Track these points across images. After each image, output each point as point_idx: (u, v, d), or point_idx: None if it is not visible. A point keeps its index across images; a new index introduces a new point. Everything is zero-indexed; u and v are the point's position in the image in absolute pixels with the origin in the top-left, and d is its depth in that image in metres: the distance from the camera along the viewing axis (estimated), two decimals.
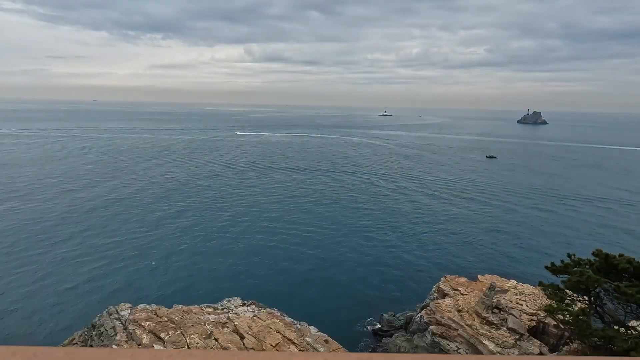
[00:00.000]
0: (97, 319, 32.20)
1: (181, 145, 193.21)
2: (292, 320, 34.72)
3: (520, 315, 35.14)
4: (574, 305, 10.34)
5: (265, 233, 69.81)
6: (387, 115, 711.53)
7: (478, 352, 30.89)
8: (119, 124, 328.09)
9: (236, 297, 37.57)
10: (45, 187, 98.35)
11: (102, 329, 30.71)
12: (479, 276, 43.40)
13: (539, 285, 11.67)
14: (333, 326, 37.68)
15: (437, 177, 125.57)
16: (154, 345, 27.31)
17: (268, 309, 35.94)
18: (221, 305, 35.94)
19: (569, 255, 11.17)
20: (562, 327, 10.79)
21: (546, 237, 70.89)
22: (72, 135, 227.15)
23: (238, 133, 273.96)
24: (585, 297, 10.31)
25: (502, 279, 42.87)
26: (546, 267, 11.23)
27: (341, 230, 72.18)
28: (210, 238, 66.94)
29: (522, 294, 39.52)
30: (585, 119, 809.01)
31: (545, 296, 11.21)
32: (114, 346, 27.13)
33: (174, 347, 27.41)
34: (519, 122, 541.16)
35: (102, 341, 29.53)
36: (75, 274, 52.34)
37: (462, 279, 42.51)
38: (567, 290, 10.71)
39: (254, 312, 34.74)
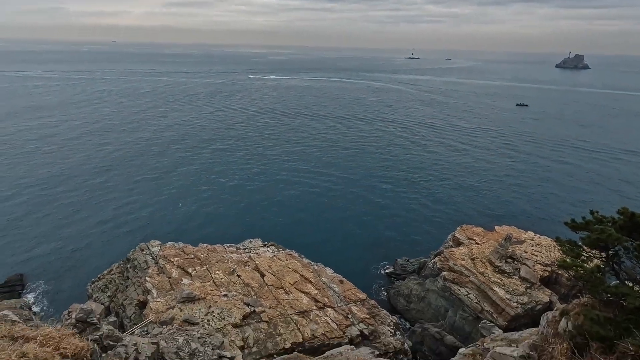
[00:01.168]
0: (130, 254, 35.02)
1: (200, 89, 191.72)
2: (310, 261, 36.64)
3: (533, 266, 35.67)
4: (589, 262, 10.29)
5: (284, 178, 71.21)
6: (413, 58, 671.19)
7: (489, 298, 32.10)
8: (138, 66, 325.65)
9: (257, 239, 39.61)
10: (71, 129, 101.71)
11: (135, 263, 33.52)
12: (496, 227, 43.56)
13: (555, 241, 11.58)
14: (348, 268, 39.64)
15: (461, 126, 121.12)
16: (183, 279, 29.76)
17: (287, 251, 37.90)
18: (243, 246, 38.12)
19: (591, 212, 10.88)
20: (574, 280, 10.87)
21: (569, 191, 69.11)
22: (93, 77, 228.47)
23: (253, 77, 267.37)
24: (602, 254, 10.22)
25: (519, 230, 42.91)
26: (565, 224, 11.03)
27: (359, 178, 72.61)
28: (231, 182, 69.06)
29: (539, 245, 39.71)
30: (633, 63, 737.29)
31: (562, 252, 11.17)
32: (147, 278, 29.71)
33: (201, 282, 29.79)
34: (557, 66, 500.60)
35: (137, 273, 32.38)
36: (106, 213, 56.02)
37: (479, 229, 42.85)
38: (584, 247, 10.60)
39: (273, 252, 36.75)
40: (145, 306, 27.22)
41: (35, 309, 35.71)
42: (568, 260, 10.20)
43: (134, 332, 23.17)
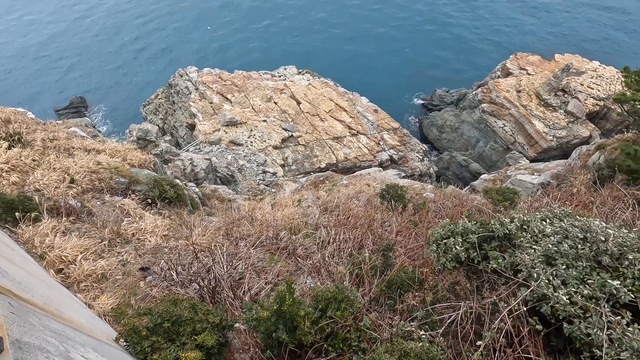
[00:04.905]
0: (171, 79, 36.11)
1: None
2: (345, 90, 36.32)
3: (585, 100, 33.36)
4: None
5: (319, 1, 62.61)
6: None
7: (524, 131, 31.83)
8: None
9: (291, 66, 38.58)
10: None
11: (178, 88, 34.94)
12: (557, 55, 38.76)
13: (622, 71, 10.28)
14: (384, 98, 39.09)
15: None
16: (224, 105, 31.33)
17: (322, 79, 37.24)
18: (278, 73, 37.66)
19: None
20: (627, 115, 10.23)
21: None
22: None
23: None
24: None
25: (583, 59, 38.08)
26: None
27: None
28: (262, 4, 62.10)
29: (600, 77, 35.89)
30: None
31: (624, 84, 10.04)
32: (190, 103, 31.53)
33: (241, 107, 31.28)
34: None
35: (181, 98, 34.22)
36: (142, 37, 54.73)
37: (535, 58, 38.47)
38: None
39: (308, 80, 36.36)
40: (194, 128, 30.02)
41: (99, 128, 40.57)
42: (627, 93, 9.28)
43: (188, 149, 26.43)
